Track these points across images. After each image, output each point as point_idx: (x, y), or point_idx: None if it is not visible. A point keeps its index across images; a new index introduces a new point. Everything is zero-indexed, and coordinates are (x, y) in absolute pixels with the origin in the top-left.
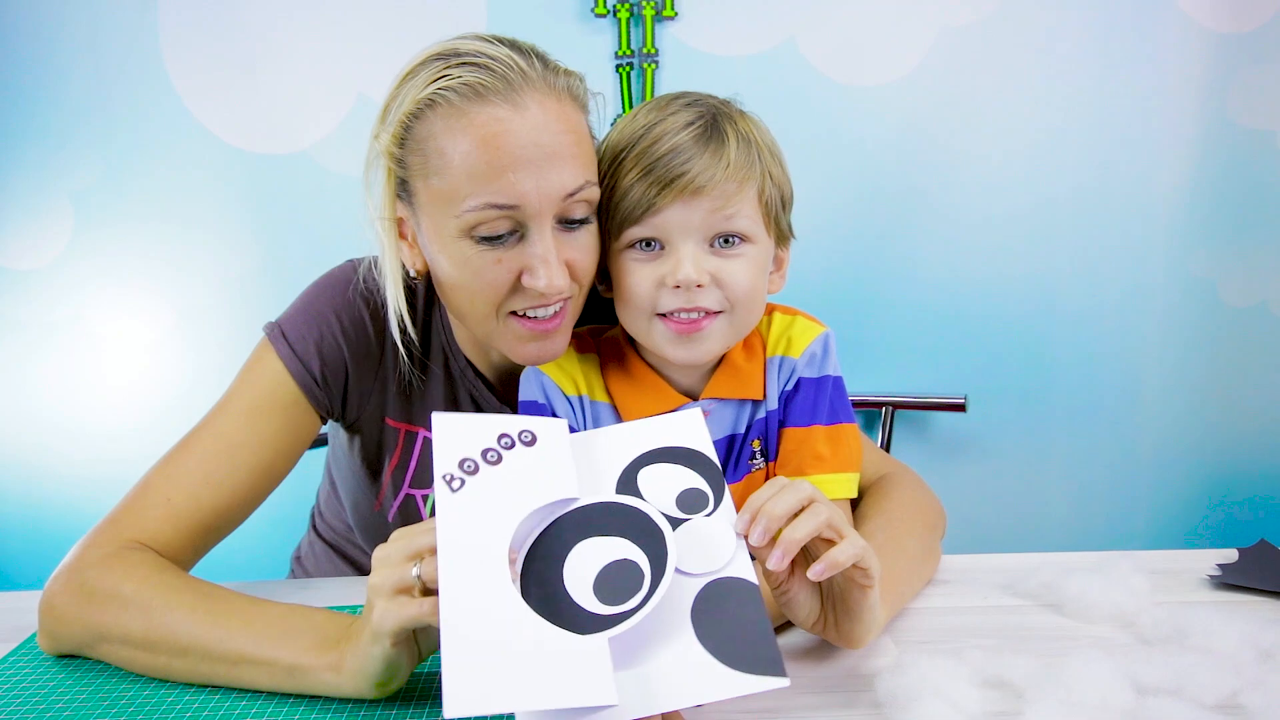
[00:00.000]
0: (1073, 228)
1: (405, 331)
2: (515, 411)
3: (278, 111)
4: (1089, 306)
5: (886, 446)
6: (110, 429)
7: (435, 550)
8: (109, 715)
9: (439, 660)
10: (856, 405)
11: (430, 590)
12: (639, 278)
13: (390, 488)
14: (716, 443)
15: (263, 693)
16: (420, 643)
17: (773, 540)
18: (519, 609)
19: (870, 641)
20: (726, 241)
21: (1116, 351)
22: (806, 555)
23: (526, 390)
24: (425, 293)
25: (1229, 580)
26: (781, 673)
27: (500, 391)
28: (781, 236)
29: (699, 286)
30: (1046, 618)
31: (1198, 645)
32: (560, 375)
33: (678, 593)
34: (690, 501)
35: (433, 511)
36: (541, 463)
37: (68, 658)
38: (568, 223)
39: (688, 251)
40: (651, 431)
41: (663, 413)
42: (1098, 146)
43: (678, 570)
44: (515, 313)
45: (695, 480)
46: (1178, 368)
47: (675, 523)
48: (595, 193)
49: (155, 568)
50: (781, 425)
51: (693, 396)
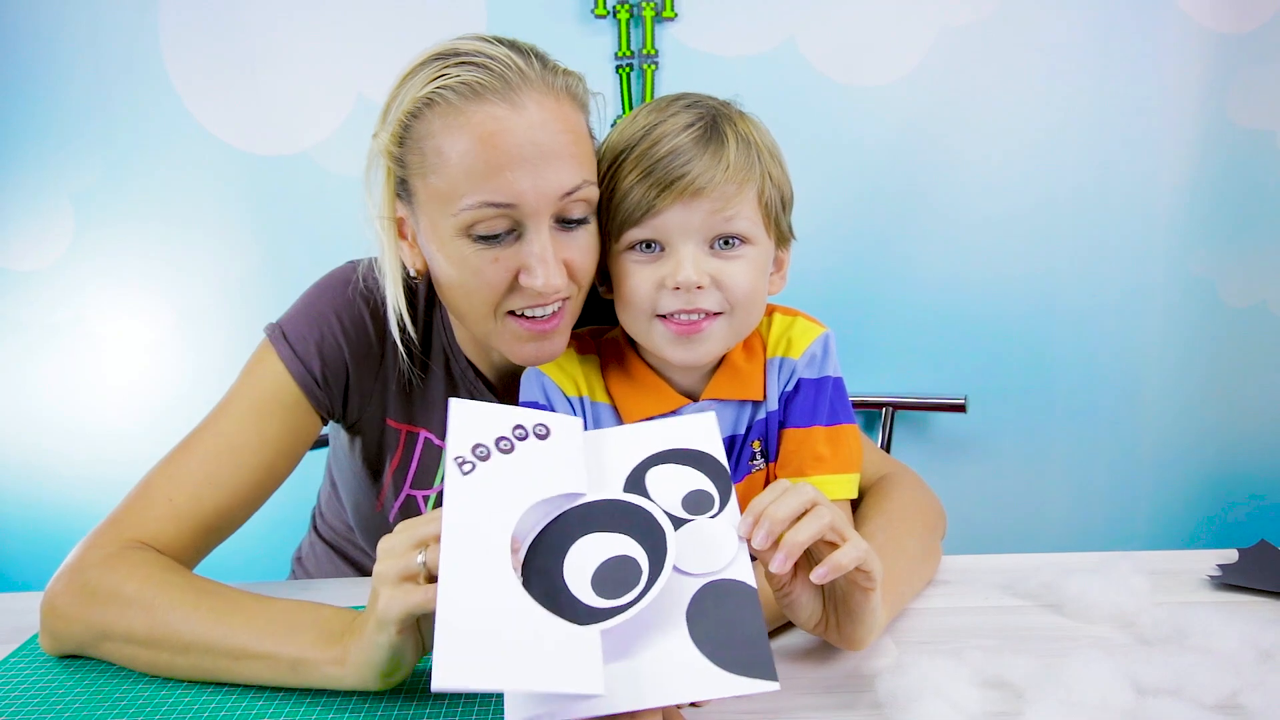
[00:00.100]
0: (1073, 228)
1: (405, 331)
2: None
3: (278, 112)
4: (1089, 306)
5: (887, 447)
6: (111, 429)
7: (439, 538)
8: (110, 715)
9: None
10: (857, 406)
11: (435, 579)
12: (639, 279)
13: (391, 488)
14: None
15: (266, 688)
16: (425, 632)
17: (775, 543)
18: (516, 593)
19: (871, 643)
20: (726, 243)
21: (1116, 351)
22: (809, 557)
23: (527, 391)
24: (426, 293)
25: (1229, 580)
26: (772, 676)
27: (501, 392)
28: (782, 238)
29: (699, 288)
30: (1047, 618)
31: (1198, 645)
32: (561, 376)
33: (675, 591)
34: (696, 503)
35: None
36: (553, 456)
37: (69, 658)
38: (565, 222)
39: (688, 253)
40: (663, 432)
41: (663, 414)
42: (1098, 146)
43: (677, 569)
44: (513, 312)
45: (702, 482)
46: (1178, 368)
47: (679, 522)
48: (593, 192)
49: (157, 566)
50: (782, 426)
51: (693, 397)
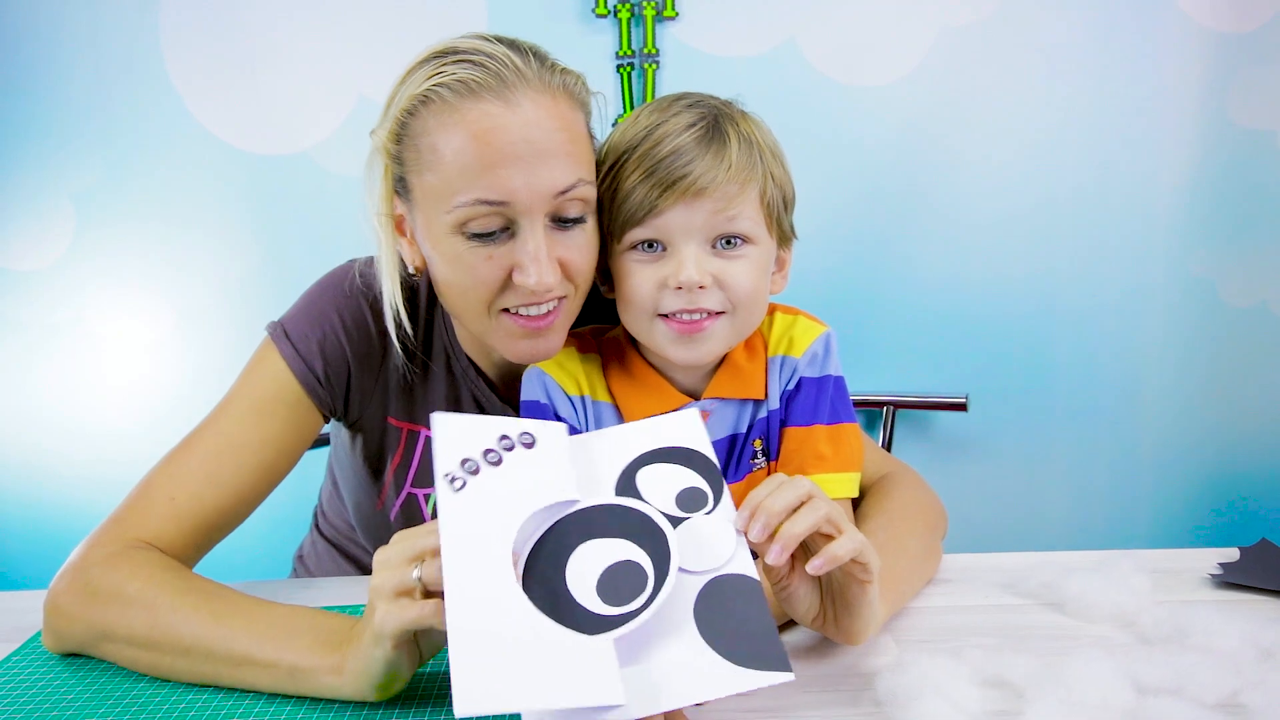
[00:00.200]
0: (1073, 228)
1: (401, 327)
2: (518, 411)
3: (279, 112)
4: (1089, 306)
5: (888, 446)
6: (111, 429)
7: (436, 552)
8: (112, 715)
9: (439, 662)
10: (858, 405)
11: (431, 593)
12: (641, 279)
13: (392, 487)
14: (718, 443)
15: (264, 694)
16: (422, 645)
17: (772, 536)
18: (525, 609)
19: (869, 637)
20: (728, 243)
21: (1117, 351)
22: (806, 550)
23: (529, 390)
24: (428, 291)
25: (1230, 579)
26: (786, 667)
27: (502, 391)
28: (783, 237)
29: (701, 288)
30: (1047, 617)
31: (1198, 644)
32: (562, 375)
33: (680, 591)
34: (689, 500)
35: (434, 511)
36: (542, 465)
37: (71, 657)
38: (561, 221)
39: (690, 253)
40: (649, 432)
41: (664, 413)
42: (1098, 146)
43: (680, 569)
44: (508, 310)
45: (694, 479)
46: (1178, 368)
47: (675, 521)
48: (590, 191)
49: (160, 567)
50: (783, 425)
51: (694, 396)
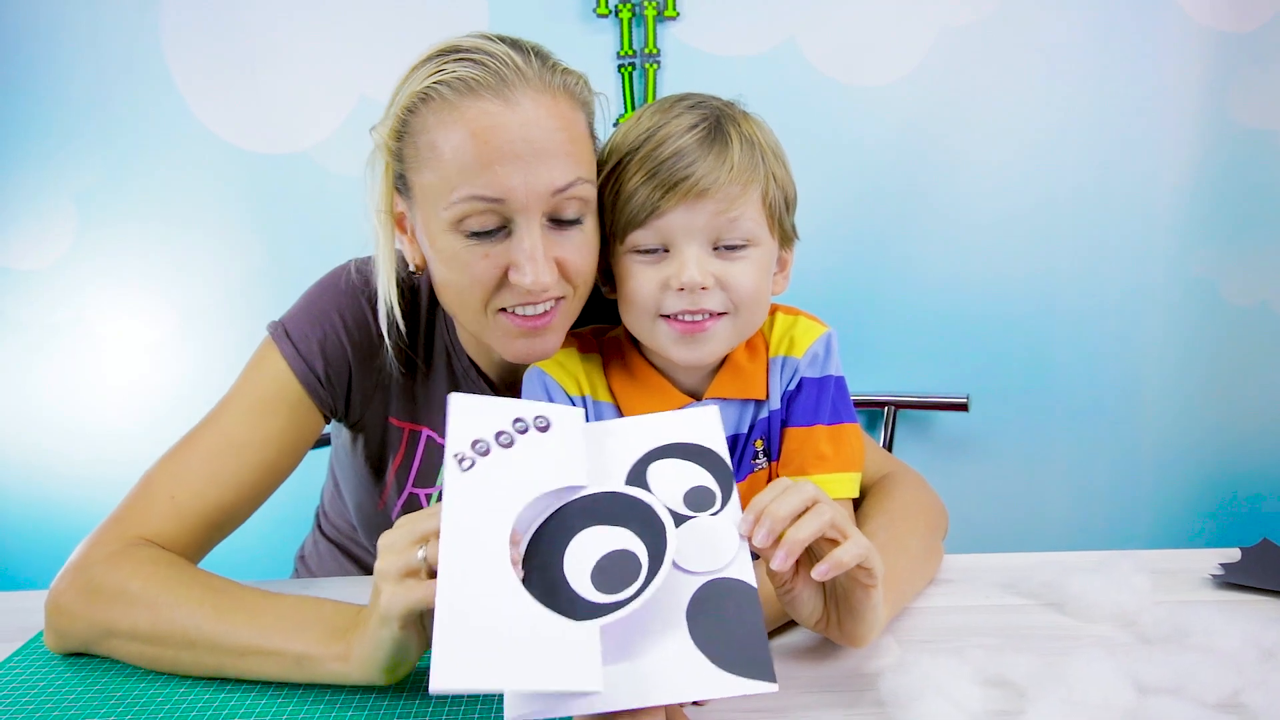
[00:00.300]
0: (1073, 228)
1: (395, 325)
2: None
3: (279, 112)
4: (1090, 306)
5: (888, 446)
6: (111, 429)
7: (440, 533)
8: (115, 713)
9: None
10: (858, 405)
11: (436, 574)
12: (643, 280)
13: (394, 487)
14: None
15: (270, 684)
16: (428, 627)
17: (776, 541)
18: (515, 591)
19: (872, 640)
20: (730, 244)
21: (1117, 351)
22: (810, 555)
23: (529, 390)
24: (429, 291)
25: (1231, 579)
26: (771, 677)
27: (503, 391)
28: (785, 238)
29: (703, 289)
30: (1048, 617)
31: (1199, 644)
32: (563, 375)
33: (675, 589)
34: (698, 499)
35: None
36: (554, 449)
37: (73, 656)
38: (559, 221)
39: (692, 254)
40: (666, 426)
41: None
42: (1098, 146)
43: (677, 567)
44: (505, 309)
45: (704, 478)
46: (1179, 367)
47: (680, 519)
48: (589, 191)
49: (162, 563)
50: (784, 425)
51: (696, 397)
